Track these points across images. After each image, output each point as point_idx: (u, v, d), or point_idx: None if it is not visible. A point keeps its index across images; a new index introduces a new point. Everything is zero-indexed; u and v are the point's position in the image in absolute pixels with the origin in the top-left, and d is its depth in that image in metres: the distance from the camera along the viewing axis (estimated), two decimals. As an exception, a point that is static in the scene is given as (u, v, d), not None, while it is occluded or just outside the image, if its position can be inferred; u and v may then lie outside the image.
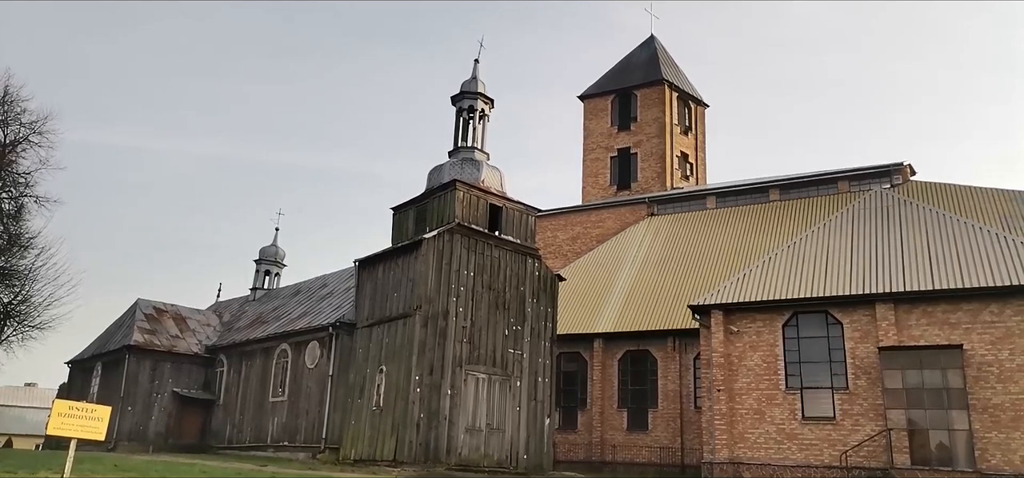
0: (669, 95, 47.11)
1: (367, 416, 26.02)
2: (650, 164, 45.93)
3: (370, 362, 26.76)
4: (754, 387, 24.52)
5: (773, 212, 38.02)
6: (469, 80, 29.84)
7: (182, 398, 35.89)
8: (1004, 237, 24.12)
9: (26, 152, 26.94)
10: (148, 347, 35.76)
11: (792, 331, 24.65)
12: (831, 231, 27.29)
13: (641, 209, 42.62)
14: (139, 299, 38.96)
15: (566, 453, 31.66)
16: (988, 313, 22.11)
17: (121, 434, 33.69)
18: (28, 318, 29.31)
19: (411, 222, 28.15)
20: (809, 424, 23.53)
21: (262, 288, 43.34)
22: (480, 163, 28.63)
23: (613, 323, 33.13)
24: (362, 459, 25.34)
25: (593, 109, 49.28)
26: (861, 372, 23.24)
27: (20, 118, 26.73)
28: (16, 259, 28.11)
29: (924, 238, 25.22)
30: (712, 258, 35.44)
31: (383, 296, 27.13)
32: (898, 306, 23.16)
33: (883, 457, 22.06)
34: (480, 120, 29.51)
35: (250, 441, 32.66)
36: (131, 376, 35.04)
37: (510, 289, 27.17)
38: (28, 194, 27.09)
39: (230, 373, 35.77)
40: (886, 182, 35.52)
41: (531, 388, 27.05)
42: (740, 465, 23.92)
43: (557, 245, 44.00)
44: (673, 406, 30.71)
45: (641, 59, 50.19)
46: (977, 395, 21.56)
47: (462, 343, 25.38)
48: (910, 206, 27.46)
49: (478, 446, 25.12)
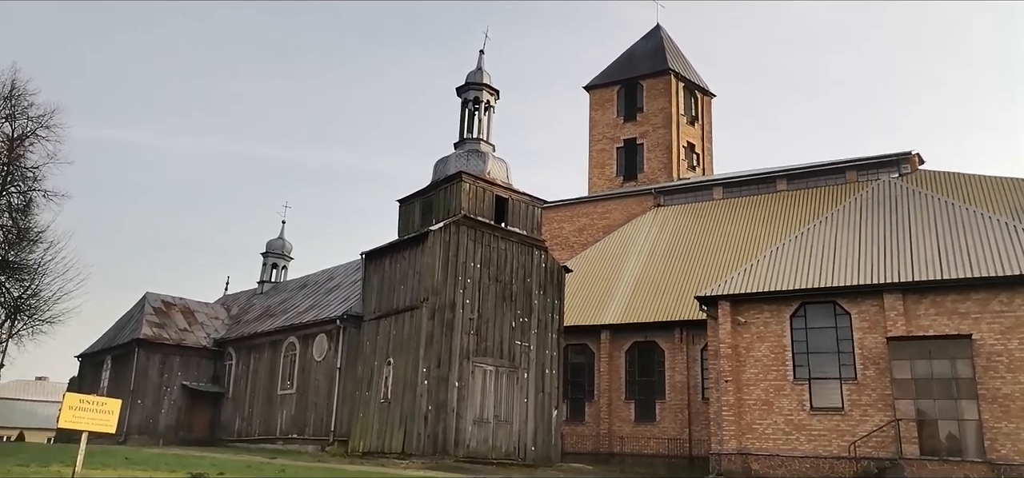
0: (676, 85, 46.90)
1: (375, 408, 26.09)
2: (656, 155, 45.78)
3: (377, 354, 26.82)
4: (762, 378, 24.46)
5: (780, 202, 37.85)
6: (474, 71, 29.76)
7: (191, 391, 36.08)
8: (1014, 226, 23.93)
9: (34, 146, 26.98)
10: (157, 340, 35.95)
11: (800, 322, 24.53)
12: (839, 221, 27.15)
13: (648, 200, 42.49)
14: (148, 293, 39.14)
15: (574, 445, 31.68)
16: (998, 303, 21.97)
17: (131, 427, 33.93)
18: (38, 312, 29.43)
19: (417, 214, 28.15)
20: (817, 415, 23.46)
21: (269, 281, 43.50)
22: (486, 155, 28.58)
23: (620, 314, 33.09)
24: (371, 451, 25.43)
25: (599, 100, 49.11)
26: (870, 362, 23.14)
27: (28, 112, 26.76)
28: (25, 253, 28.20)
29: (933, 227, 25.06)
30: (719, 249, 35.34)
31: (390, 288, 27.16)
32: (907, 296, 23.03)
33: (892, 447, 21.99)
34: (486, 112, 29.45)
35: (259, 434, 32.83)
36: (141, 369, 35.25)
37: (517, 281, 27.17)
38: (36, 188, 27.13)
39: (239, 366, 35.94)
40: (894, 171, 35.31)
41: (538, 380, 27.08)
42: (748, 456, 23.89)
43: (563, 237, 43.93)
44: (681, 397, 30.69)
45: (647, 49, 49.94)
46: (986, 385, 21.44)
47: (469, 335, 25.41)
48: (919, 195, 27.28)
49: (486, 438, 25.18)
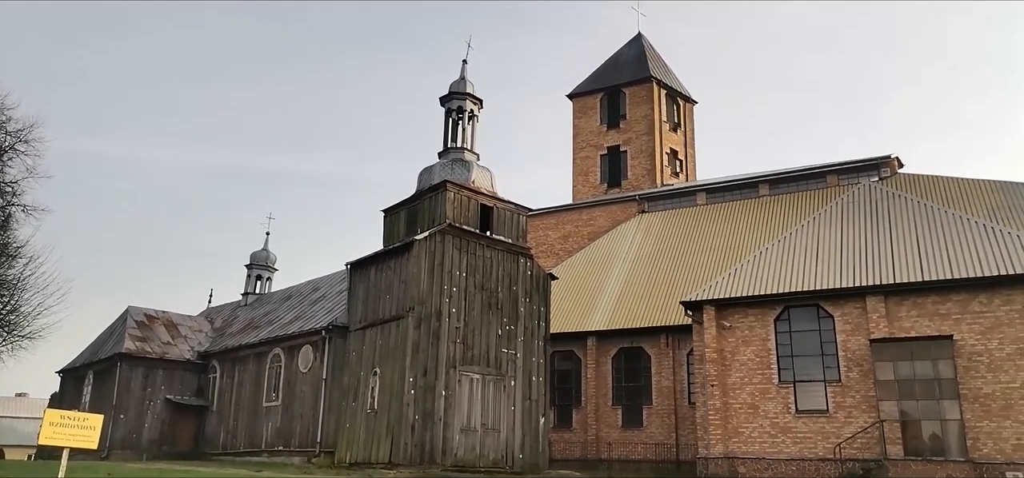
0: (658, 92, 47.24)
1: (362, 419, 25.97)
2: (640, 161, 46.04)
3: (363, 365, 26.71)
4: (747, 382, 24.61)
5: (763, 207, 38.17)
6: (457, 81, 29.79)
7: (175, 405, 35.71)
8: (992, 228, 24.30)
9: (12, 161, 26.69)
10: (140, 354, 35.57)
11: (784, 325, 24.76)
12: (821, 225, 27.43)
13: (632, 206, 42.71)
14: (130, 307, 38.74)
15: (562, 451, 31.69)
16: (977, 303, 22.27)
17: (114, 442, 33.51)
18: (17, 328, 29.03)
19: (402, 224, 28.11)
20: (803, 417, 23.64)
21: (254, 293, 43.20)
22: (470, 163, 28.60)
23: (606, 321, 33.18)
24: (358, 462, 25.29)
25: (582, 107, 49.35)
26: (853, 364, 23.37)
27: (5, 127, 26.47)
28: (4, 269, 27.84)
29: (913, 230, 25.38)
30: (703, 254, 35.57)
31: (375, 298, 27.07)
32: (888, 298, 23.30)
33: (876, 448, 22.20)
34: (469, 121, 29.49)
35: (245, 447, 32.54)
36: (123, 384, 34.84)
37: (502, 289, 27.17)
38: (15, 203, 26.82)
39: (223, 379, 35.63)
40: (874, 175, 35.75)
41: (525, 387, 27.07)
42: (735, 459, 24.01)
43: (549, 244, 44.03)
44: (667, 402, 30.79)
45: (629, 57, 50.29)
46: (968, 385, 21.72)
47: (455, 344, 25.36)
48: (899, 199, 27.62)
49: (473, 446, 25.12)
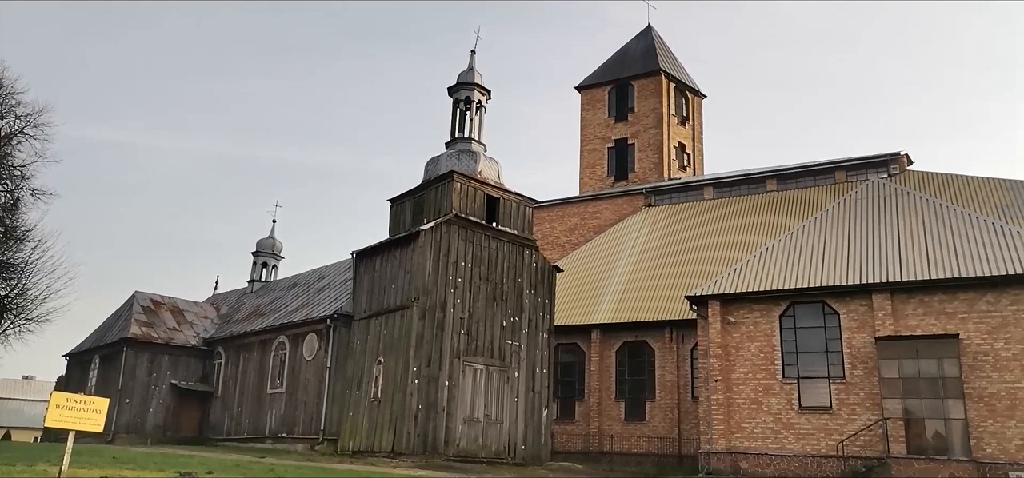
0: (666, 85, 47.03)
1: (365, 408, 26.04)
2: (647, 155, 45.89)
3: (368, 354, 26.77)
4: (751, 377, 24.56)
5: (770, 203, 38.01)
6: (466, 70, 29.74)
7: (180, 390, 35.91)
8: (1001, 226, 24.13)
9: (21, 145, 26.80)
10: (146, 339, 35.76)
11: (789, 321, 24.65)
12: (828, 221, 27.30)
13: (638, 200, 42.58)
14: (136, 292, 38.93)
15: (564, 444, 31.72)
16: (984, 303, 22.14)
17: (119, 427, 33.75)
18: (25, 311, 29.25)
19: (408, 214, 28.12)
20: (806, 414, 23.58)
21: (259, 280, 43.36)
22: (477, 154, 28.57)
23: (611, 314, 33.15)
24: (360, 451, 25.38)
25: (590, 100, 49.19)
26: (858, 362, 23.28)
27: (15, 110, 26.57)
28: (12, 252, 28.02)
29: (921, 228, 25.23)
30: (709, 249, 35.46)
31: (380, 288, 27.12)
32: (895, 296, 23.18)
33: (879, 446, 22.14)
34: (477, 111, 29.44)
35: (248, 433, 32.71)
36: (129, 368, 35.06)
37: (507, 280, 27.17)
38: (24, 187, 26.95)
39: (228, 365, 35.79)
40: (883, 172, 35.52)
41: (529, 379, 27.09)
42: (737, 455, 23.99)
43: (554, 236, 43.97)
44: (670, 396, 30.77)
45: (638, 50, 50.05)
46: (973, 384, 21.61)
47: (460, 335, 25.39)
48: (907, 196, 27.45)
49: (476, 437, 25.18)
